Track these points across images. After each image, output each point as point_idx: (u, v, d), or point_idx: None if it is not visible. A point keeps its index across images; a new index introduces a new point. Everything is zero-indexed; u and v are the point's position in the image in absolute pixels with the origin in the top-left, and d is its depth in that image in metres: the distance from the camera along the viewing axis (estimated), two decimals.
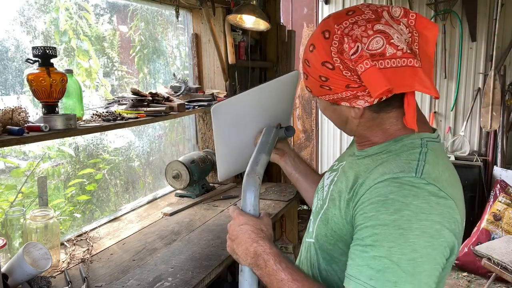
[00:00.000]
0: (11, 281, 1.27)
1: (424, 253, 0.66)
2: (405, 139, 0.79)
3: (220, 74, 2.55)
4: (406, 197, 0.68)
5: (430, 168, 0.72)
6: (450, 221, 0.69)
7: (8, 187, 1.68)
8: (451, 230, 0.69)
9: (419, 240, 0.66)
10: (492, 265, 2.69)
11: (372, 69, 0.71)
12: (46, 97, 1.38)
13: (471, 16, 3.85)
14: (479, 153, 3.97)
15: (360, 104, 0.77)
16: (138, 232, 1.90)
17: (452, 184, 0.74)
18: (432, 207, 0.68)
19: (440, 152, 0.79)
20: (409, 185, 0.69)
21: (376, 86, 0.70)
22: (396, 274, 0.65)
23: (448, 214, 0.69)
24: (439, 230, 0.68)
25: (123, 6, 2.18)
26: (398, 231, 0.66)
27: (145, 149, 2.40)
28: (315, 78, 0.80)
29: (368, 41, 0.71)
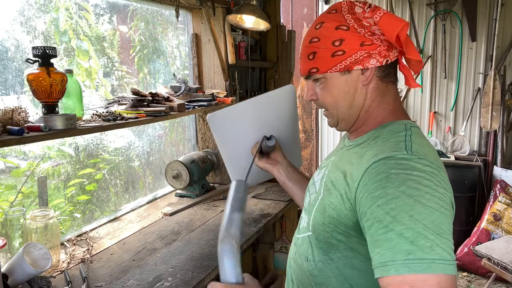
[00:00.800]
0: (11, 281, 1.27)
1: (440, 214, 0.68)
2: (390, 125, 0.86)
3: (220, 74, 2.55)
4: (406, 170, 0.72)
5: (417, 147, 0.78)
6: (448, 187, 0.76)
7: (8, 187, 1.68)
8: (450, 193, 0.76)
9: (432, 203, 0.69)
10: (492, 265, 2.69)
11: (386, 15, 0.82)
12: (46, 97, 1.38)
13: (471, 16, 3.85)
14: (479, 153, 3.97)
15: (373, 63, 0.84)
16: (138, 232, 1.90)
17: (438, 159, 0.81)
18: (430, 175, 0.73)
19: (421, 135, 0.85)
20: (404, 160, 0.74)
21: (393, 26, 0.80)
22: (427, 239, 0.65)
23: (444, 182, 0.75)
24: (443, 192, 0.72)
25: (123, 6, 2.18)
26: (411, 199, 0.68)
27: (145, 149, 2.40)
28: (327, 48, 0.85)
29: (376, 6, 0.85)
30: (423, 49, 4.10)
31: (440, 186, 0.73)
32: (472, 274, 3.48)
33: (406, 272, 0.64)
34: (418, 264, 0.64)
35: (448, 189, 0.75)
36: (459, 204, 3.69)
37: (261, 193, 2.42)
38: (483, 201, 3.92)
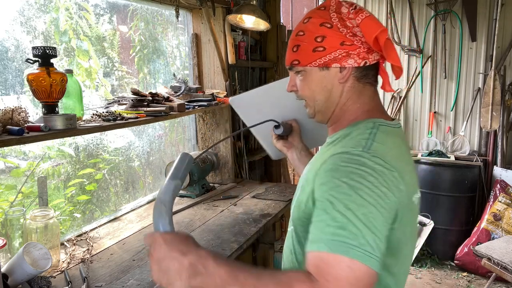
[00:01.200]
0: (11, 281, 1.27)
1: (376, 210, 0.71)
2: (360, 123, 0.88)
3: (220, 74, 2.55)
4: (355, 164, 0.75)
5: (377, 145, 0.80)
6: (394, 189, 0.76)
7: (8, 187, 1.68)
8: (396, 196, 0.76)
9: (370, 198, 0.72)
10: (492, 265, 2.70)
11: (367, 18, 0.87)
12: (46, 97, 1.38)
13: (471, 16, 3.85)
14: (479, 153, 3.97)
15: (350, 63, 0.87)
16: (138, 232, 1.90)
17: (399, 160, 0.81)
18: (378, 174, 0.75)
19: (391, 134, 0.87)
20: (357, 156, 0.77)
21: (372, 29, 0.84)
22: (356, 227, 0.69)
23: (392, 182, 0.76)
24: (386, 192, 0.74)
25: (123, 6, 2.18)
26: (351, 190, 0.72)
27: (145, 149, 2.40)
28: (309, 42, 0.88)
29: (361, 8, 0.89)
30: (423, 49, 4.10)
31: (384, 185, 0.74)
32: (472, 274, 3.48)
33: (325, 250, 0.69)
34: (338, 246, 0.68)
35: (394, 191, 0.75)
36: (459, 204, 3.69)
37: (261, 193, 2.42)
38: (483, 201, 3.92)
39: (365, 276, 0.67)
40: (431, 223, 3.68)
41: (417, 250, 3.64)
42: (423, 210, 3.76)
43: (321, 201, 0.75)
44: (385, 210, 0.73)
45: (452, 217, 3.71)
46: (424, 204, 3.79)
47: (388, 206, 0.74)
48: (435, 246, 3.77)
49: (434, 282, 3.40)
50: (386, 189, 0.74)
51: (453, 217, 3.71)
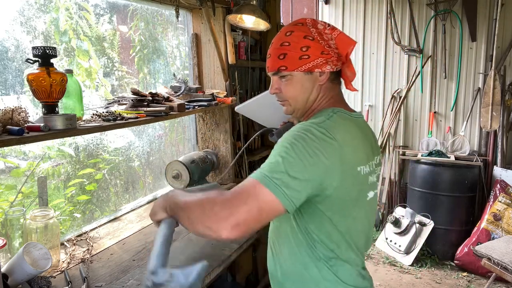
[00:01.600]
0: (11, 281, 1.27)
1: (298, 158, 0.92)
2: (325, 111, 1.09)
3: (220, 74, 2.55)
4: (303, 131, 0.97)
5: (329, 123, 1.01)
6: (329, 155, 0.95)
7: (8, 187, 1.68)
8: (327, 158, 0.94)
9: (300, 153, 0.92)
10: (492, 265, 2.69)
11: (341, 34, 1.09)
12: (46, 97, 1.38)
13: (471, 16, 3.85)
14: (479, 153, 3.97)
15: (328, 68, 1.08)
16: (138, 232, 1.90)
17: (344, 136, 1.00)
18: (317, 138, 0.95)
19: (347, 120, 1.08)
20: (308, 126, 0.98)
21: (347, 44, 1.08)
22: (278, 167, 0.91)
23: (330, 149, 0.95)
24: (318, 154, 0.93)
25: (123, 6, 2.18)
26: (288, 144, 0.94)
27: (145, 149, 2.40)
28: (296, 51, 1.07)
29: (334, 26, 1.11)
30: (423, 49, 4.10)
31: (318, 147, 0.94)
32: (472, 274, 3.48)
33: (252, 176, 0.93)
34: (258, 174, 0.92)
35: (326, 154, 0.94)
36: (459, 204, 3.69)
37: None
38: (483, 201, 3.92)
39: (262, 192, 0.89)
40: (431, 223, 3.68)
41: (417, 250, 3.65)
42: (423, 210, 3.76)
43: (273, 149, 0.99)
44: (310, 164, 0.92)
45: (452, 217, 3.71)
46: (424, 204, 3.79)
47: (316, 164, 0.93)
48: (435, 246, 3.77)
49: (434, 282, 3.40)
50: (319, 151, 0.94)
51: (453, 217, 3.71)
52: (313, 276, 1.07)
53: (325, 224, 1.03)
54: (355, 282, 1.09)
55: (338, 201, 1.00)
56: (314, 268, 1.06)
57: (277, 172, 0.90)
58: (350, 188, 1.01)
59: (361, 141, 1.07)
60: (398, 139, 4.34)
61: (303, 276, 1.08)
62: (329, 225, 1.03)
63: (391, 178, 4.29)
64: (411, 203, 3.94)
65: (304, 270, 1.07)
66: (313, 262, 1.06)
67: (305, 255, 1.06)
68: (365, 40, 4.37)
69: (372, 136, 1.19)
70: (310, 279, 1.07)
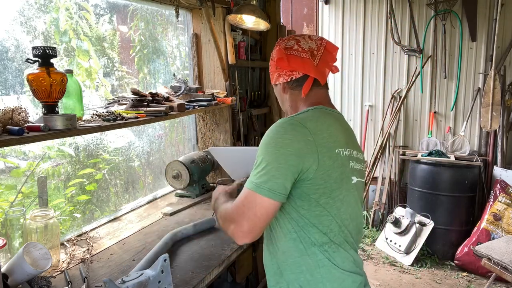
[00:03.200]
0: (11, 281, 1.27)
1: (273, 158, 1.07)
2: (305, 109, 1.22)
3: (220, 74, 2.55)
4: (274, 126, 1.13)
5: (302, 115, 1.16)
6: (300, 140, 1.08)
7: (8, 187, 1.68)
8: (301, 145, 1.08)
9: (272, 150, 1.08)
10: (492, 265, 2.70)
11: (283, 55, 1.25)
12: (46, 97, 1.38)
13: (471, 16, 3.85)
14: (479, 153, 3.97)
15: (282, 80, 1.28)
16: (138, 232, 1.90)
17: (318, 125, 1.13)
18: (287, 130, 1.10)
19: (324, 113, 1.21)
20: (280, 122, 1.14)
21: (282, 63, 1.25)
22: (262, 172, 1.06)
23: (300, 135, 1.09)
24: (288, 144, 1.07)
25: (123, 6, 2.18)
26: (263, 146, 1.10)
27: (145, 149, 2.40)
28: (273, 71, 1.30)
29: (286, 42, 1.27)
30: (423, 49, 4.10)
31: (289, 138, 1.08)
32: (472, 274, 3.48)
33: (247, 186, 1.09)
34: (250, 184, 1.08)
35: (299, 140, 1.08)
36: (459, 204, 3.69)
37: None
38: (483, 201, 3.92)
39: (256, 199, 1.05)
40: (431, 223, 3.68)
41: (417, 250, 3.65)
42: (423, 210, 3.76)
43: None
44: (282, 156, 1.06)
45: (452, 217, 3.71)
46: (424, 204, 3.79)
47: (288, 152, 1.06)
48: (435, 246, 3.77)
49: (434, 282, 3.40)
50: (290, 140, 1.07)
51: (453, 217, 3.71)
52: (308, 263, 1.13)
53: (315, 207, 1.11)
54: (350, 267, 1.16)
55: (321, 182, 1.10)
56: (309, 254, 1.13)
57: (262, 177, 1.06)
58: (331, 169, 1.11)
59: (338, 129, 1.20)
60: (398, 139, 4.34)
61: (299, 264, 1.14)
62: (318, 207, 1.11)
63: (391, 178, 4.29)
64: (411, 203, 3.94)
65: (299, 258, 1.14)
66: (308, 249, 1.13)
67: (299, 242, 1.14)
68: (365, 40, 4.37)
69: (353, 136, 1.31)
70: (306, 266, 1.13)
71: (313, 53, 1.25)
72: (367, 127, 4.45)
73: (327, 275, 1.12)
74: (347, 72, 4.48)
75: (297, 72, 1.26)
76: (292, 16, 4.80)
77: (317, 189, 1.09)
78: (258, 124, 3.13)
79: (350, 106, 4.52)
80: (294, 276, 1.15)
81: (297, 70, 1.25)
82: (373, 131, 4.47)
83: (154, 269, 1.28)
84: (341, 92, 4.53)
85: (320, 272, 1.12)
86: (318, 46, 1.26)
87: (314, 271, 1.12)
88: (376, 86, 4.39)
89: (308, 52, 1.24)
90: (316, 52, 1.25)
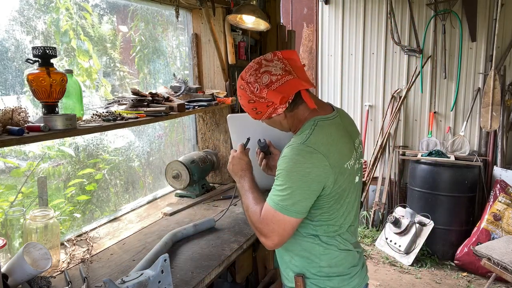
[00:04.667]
0: (11, 281, 1.27)
1: (298, 185, 1.18)
2: (307, 122, 1.28)
3: (220, 74, 2.55)
4: (293, 154, 1.20)
5: (312, 137, 1.22)
6: (319, 166, 1.18)
7: (8, 187, 1.69)
8: (319, 172, 1.19)
9: (295, 177, 1.19)
10: (492, 265, 2.70)
11: (269, 92, 1.24)
12: (46, 97, 1.38)
13: (471, 16, 3.85)
14: (479, 153, 3.97)
15: (280, 111, 1.28)
16: (138, 232, 1.90)
17: (327, 145, 1.21)
18: (306, 158, 1.19)
19: (326, 126, 1.27)
20: (296, 148, 1.21)
21: (276, 99, 1.24)
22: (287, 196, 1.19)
23: (318, 161, 1.18)
24: (309, 172, 1.18)
25: (123, 6, 2.19)
26: (286, 172, 1.20)
27: (145, 149, 2.40)
28: (250, 111, 1.32)
29: (261, 80, 1.25)
30: (423, 49, 4.10)
31: (309, 166, 1.18)
32: (472, 274, 3.48)
33: (269, 203, 1.23)
34: (273, 204, 1.21)
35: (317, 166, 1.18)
36: (459, 204, 3.69)
37: None
38: (483, 201, 3.92)
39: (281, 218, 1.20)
40: (431, 223, 3.68)
41: (417, 250, 3.65)
42: (423, 210, 3.76)
43: (278, 172, 1.23)
44: (307, 184, 1.18)
45: (452, 217, 3.71)
46: (424, 204, 3.79)
47: (311, 180, 1.18)
48: (435, 246, 3.77)
49: (434, 282, 3.40)
50: (311, 168, 1.18)
51: (453, 217, 3.71)
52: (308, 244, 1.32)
53: (325, 213, 1.27)
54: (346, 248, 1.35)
55: (334, 194, 1.25)
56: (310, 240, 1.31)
57: (287, 199, 1.19)
58: (342, 182, 1.25)
59: (342, 139, 1.28)
60: (398, 139, 4.34)
61: (300, 244, 1.33)
62: (327, 213, 1.27)
63: (391, 178, 4.29)
64: (411, 203, 3.95)
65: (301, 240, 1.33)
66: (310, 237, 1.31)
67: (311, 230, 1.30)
68: (365, 40, 4.37)
69: (349, 123, 1.39)
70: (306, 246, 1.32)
71: (288, 70, 1.26)
72: (367, 127, 4.45)
73: (324, 252, 1.31)
74: (347, 72, 4.48)
75: (290, 97, 1.27)
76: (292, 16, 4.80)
77: (330, 200, 1.25)
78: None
79: (350, 106, 4.52)
80: (296, 252, 1.34)
81: (291, 94, 1.25)
82: (373, 131, 4.47)
83: (154, 269, 1.28)
84: (341, 92, 4.53)
85: (319, 250, 1.31)
86: (283, 61, 1.28)
87: (313, 249, 1.31)
88: (376, 86, 4.39)
89: (285, 73, 1.25)
90: (288, 67, 1.27)
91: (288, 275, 1.38)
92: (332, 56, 4.55)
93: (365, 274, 1.43)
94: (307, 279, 1.33)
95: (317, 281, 1.32)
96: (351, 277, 1.35)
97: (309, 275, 1.33)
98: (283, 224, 1.21)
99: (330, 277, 1.32)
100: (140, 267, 1.42)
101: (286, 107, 1.28)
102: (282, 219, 1.20)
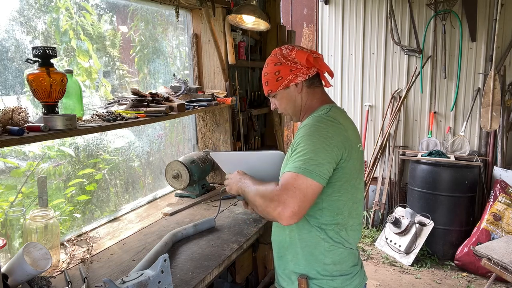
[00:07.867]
0: (11, 281, 1.27)
1: (321, 147, 1.20)
2: (320, 108, 1.36)
3: (220, 74, 2.55)
4: (315, 122, 1.27)
5: (331, 113, 1.31)
6: (339, 134, 1.25)
7: (8, 187, 1.69)
8: (340, 139, 1.24)
9: (318, 140, 1.21)
10: (492, 265, 2.70)
11: (298, 51, 1.35)
12: (46, 97, 1.38)
13: (471, 16, 3.85)
14: (479, 153, 3.97)
15: (300, 79, 1.36)
16: (138, 232, 1.90)
17: (344, 121, 1.31)
18: (328, 125, 1.25)
19: (340, 111, 1.36)
20: (318, 117, 1.28)
21: (302, 56, 1.33)
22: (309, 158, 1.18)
23: (338, 130, 1.26)
24: (331, 136, 1.23)
25: (123, 6, 2.19)
26: (308, 137, 1.23)
27: (145, 149, 2.40)
28: (272, 77, 1.39)
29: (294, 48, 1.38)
30: (423, 49, 4.10)
31: (331, 132, 1.23)
32: (472, 274, 3.48)
33: (290, 170, 1.18)
34: (295, 168, 1.18)
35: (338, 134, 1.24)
36: (459, 204, 3.69)
37: None
38: (483, 201, 3.92)
39: (303, 181, 1.15)
40: (431, 223, 3.68)
41: (417, 250, 3.64)
42: (423, 210, 3.76)
43: (297, 142, 1.24)
44: (329, 147, 1.20)
45: (452, 217, 3.71)
46: (424, 204, 3.79)
47: (332, 144, 1.21)
48: (435, 246, 3.77)
49: (434, 282, 3.40)
50: (332, 134, 1.23)
51: (453, 217, 3.71)
52: (314, 238, 1.31)
53: (336, 192, 1.27)
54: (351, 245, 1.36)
55: (347, 171, 1.27)
56: (316, 232, 1.30)
57: (309, 161, 1.17)
58: (355, 160, 1.29)
59: (352, 126, 1.36)
60: (398, 139, 4.34)
61: (305, 239, 1.32)
62: (337, 193, 1.28)
63: (391, 178, 4.29)
64: (411, 203, 3.95)
65: (307, 235, 1.32)
66: (316, 228, 1.30)
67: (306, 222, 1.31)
68: (365, 40, 4.37)
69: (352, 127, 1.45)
70: (312, 241, 1.31)
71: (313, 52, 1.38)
72: (367, 127, 4.45)
73: (329, 248, 1.30)
74: (347, 72, 4.48)
75: (312, 69, 1.36)
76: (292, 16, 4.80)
77: (343, 176, 1.26)
78: (258, 124, 3.13)
79: (350, 106, 4.52)
80: (300, 249, 1.33)
81: (316, 65, 1.35)
82: (373, 131, 4.47)
83: (154, 269, 1.28)
84: (341, 92, 4.53)
85: (324, 246, 1.30)
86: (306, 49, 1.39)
87: (318, 244, 1.30)
88: (376, 86, 4.39)
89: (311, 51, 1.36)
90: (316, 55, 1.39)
91: (288, 276, 1.37)
92: (332, 56, 4.55)
93: (364, 274, 1.44)
94: (310, 280, 1.32)
95: (320, 282, 1.32)
96: (353, 277, 1.35)
97: (312, 275, 1.32)
98: (304, 188, 1.14)
99: (333, 276, 1.32)
100: (140, 267, 1.42)
101: (306, 79, 1.36)
102: (305, 182, 1.15)
